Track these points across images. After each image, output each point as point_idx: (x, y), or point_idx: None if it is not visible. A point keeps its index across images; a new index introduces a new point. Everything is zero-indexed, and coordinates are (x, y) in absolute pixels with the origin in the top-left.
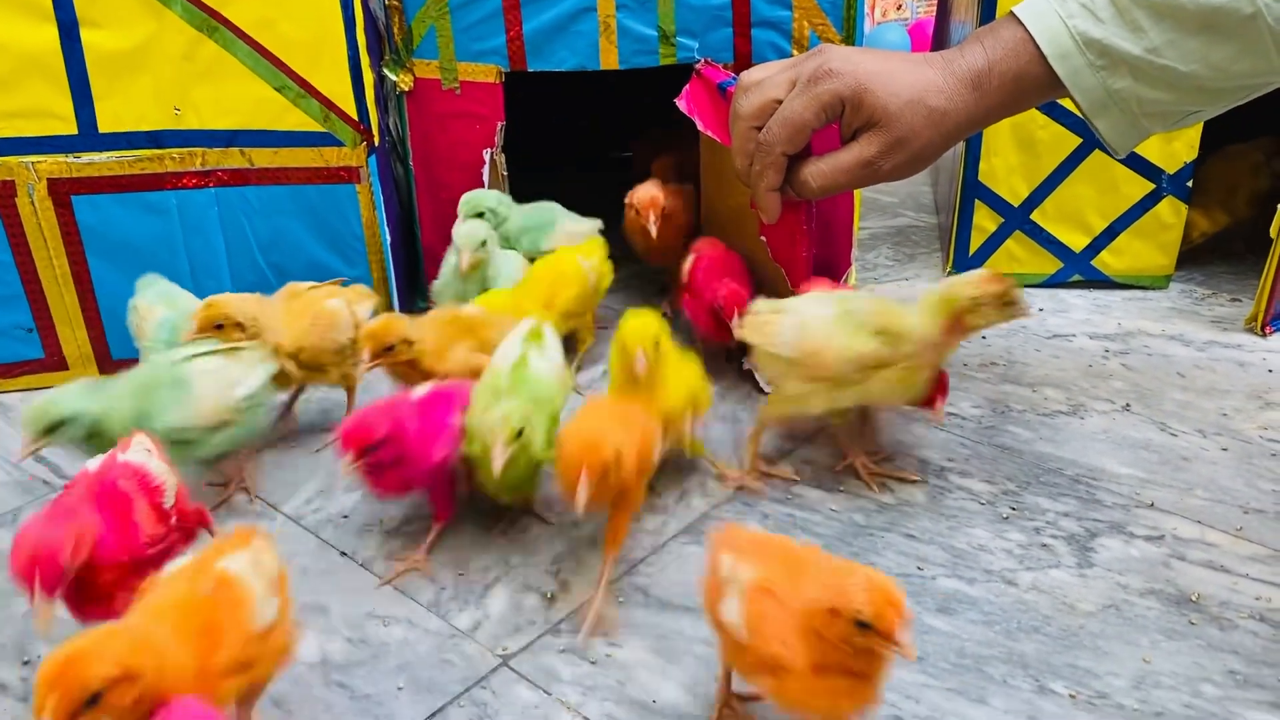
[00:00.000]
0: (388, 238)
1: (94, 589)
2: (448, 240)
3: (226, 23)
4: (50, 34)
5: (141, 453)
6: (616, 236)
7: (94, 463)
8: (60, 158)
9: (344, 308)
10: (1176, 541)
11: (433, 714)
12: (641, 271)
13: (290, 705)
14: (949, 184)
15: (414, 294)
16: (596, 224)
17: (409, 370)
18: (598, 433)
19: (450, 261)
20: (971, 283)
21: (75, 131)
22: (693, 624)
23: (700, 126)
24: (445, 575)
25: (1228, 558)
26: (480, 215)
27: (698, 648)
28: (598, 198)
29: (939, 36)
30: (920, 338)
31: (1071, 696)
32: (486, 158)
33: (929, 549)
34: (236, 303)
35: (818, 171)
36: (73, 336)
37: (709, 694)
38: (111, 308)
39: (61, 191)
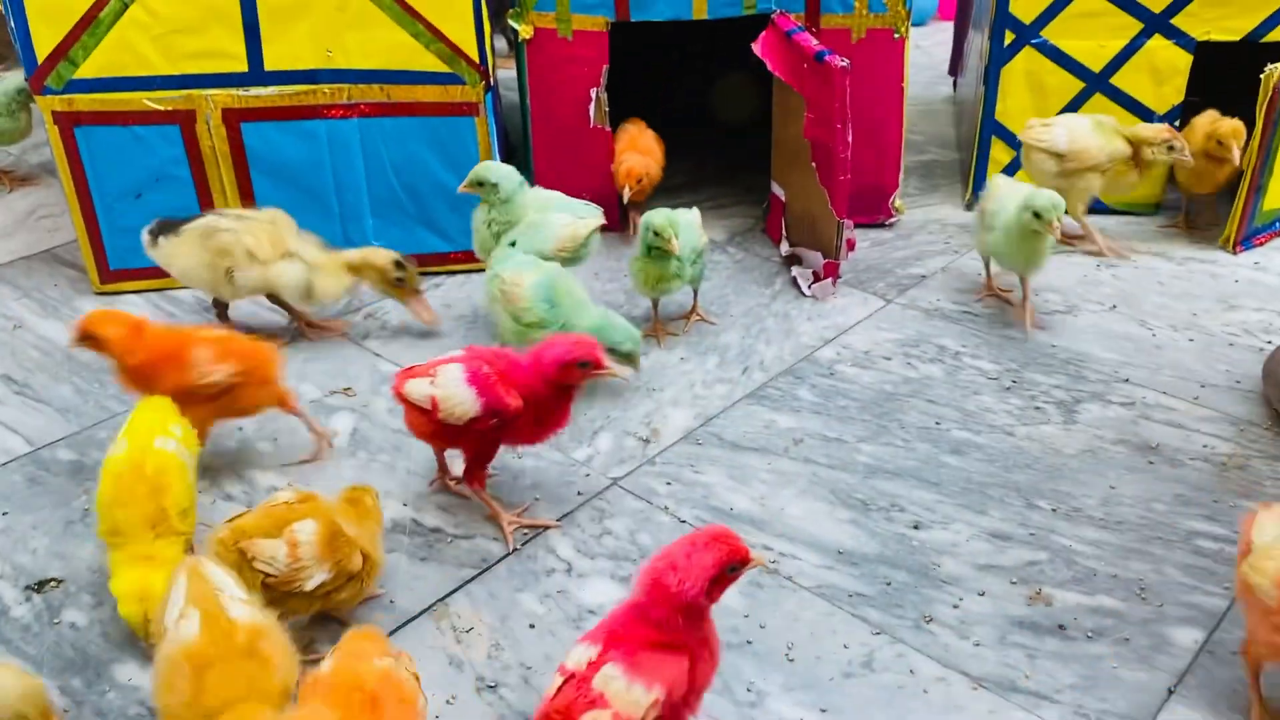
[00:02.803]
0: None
1: None
2: (556, 163)
3: None
4: None
5: None
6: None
7: None
8: (233, 91)
9: None
10: (1144, 406)
11: (565, 514)
12: None
13: (453, 511)
14: (970, 124)
15: None
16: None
17: None
18: None
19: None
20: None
21: (246, 69)
22: (759, 459)
23: (770, 68)
24: None
25: (1185, 418)
26: (481, 185)
27: (763, 475)
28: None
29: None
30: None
31: (1053, 510)
32: (592, 95)
33: (945, 410)
34: None
35: None
36: None
37: (774, 507)
38: None
39: (233, 119)
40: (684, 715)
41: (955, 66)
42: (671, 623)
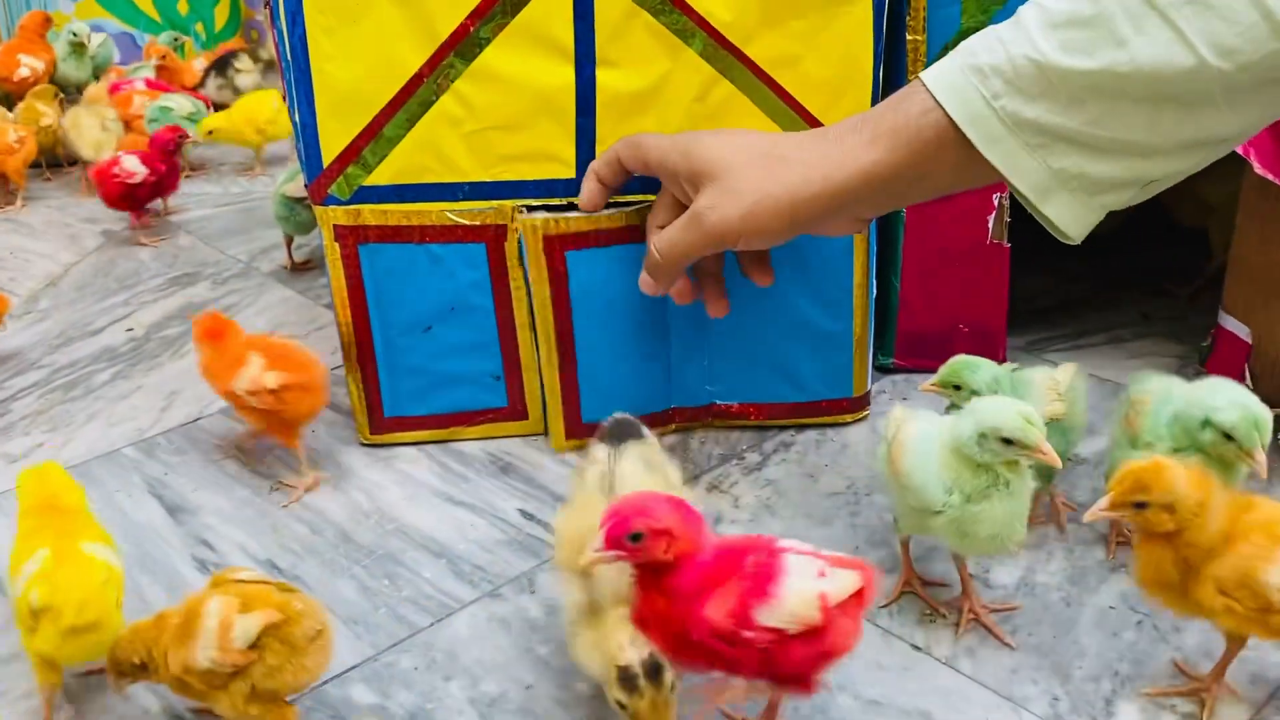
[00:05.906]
0: (874, 290)
1: None
2: (931, 285)
3: (747, 61)
4: (567, 74)
5: None
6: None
7: None
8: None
9: None
10: None
11: None
12: None
13: None
14: None
15: (879, 348)
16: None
17: None
18: None
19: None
20: None
21: (574, 175)
22: None
23: (1258, 168)
24: (1049, 679)
25: None
26: (957, 388)
27: None
28: None
29: None
30: None
31: None
32: (995, 203)
33: None
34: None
35: (661, 237)
36: (537, 386)
37: None
38: (586, 360)
39: (553, 238)
40: None
41: None
42: None
